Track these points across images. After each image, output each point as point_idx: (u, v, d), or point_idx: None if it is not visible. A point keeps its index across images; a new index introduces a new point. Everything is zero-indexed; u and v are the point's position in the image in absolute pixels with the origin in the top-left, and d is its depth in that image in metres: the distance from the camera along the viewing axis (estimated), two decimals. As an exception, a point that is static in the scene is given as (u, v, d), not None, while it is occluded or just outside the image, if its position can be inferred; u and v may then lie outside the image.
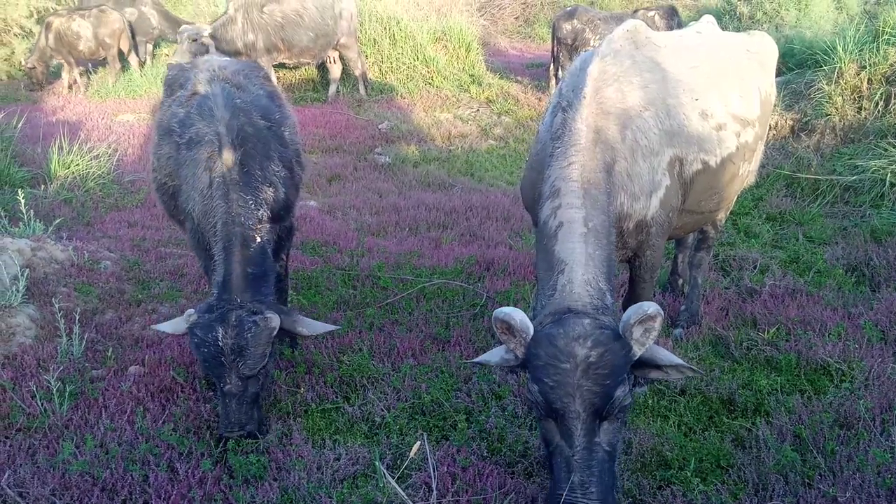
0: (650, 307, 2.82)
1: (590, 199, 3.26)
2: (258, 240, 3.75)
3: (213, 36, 10.66)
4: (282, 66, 12.09)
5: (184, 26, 11.40)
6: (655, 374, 2.99)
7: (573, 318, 2.87)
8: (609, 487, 2.79)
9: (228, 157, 3.81)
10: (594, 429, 2.78)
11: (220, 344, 3.40)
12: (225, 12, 11.10)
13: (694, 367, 3.02)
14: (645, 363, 2.92)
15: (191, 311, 3.57)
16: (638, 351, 2.86)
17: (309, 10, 11.23)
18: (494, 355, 3.08)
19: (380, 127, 10.61)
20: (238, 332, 3.41)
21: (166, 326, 3.67)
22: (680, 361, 2.95)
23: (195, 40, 10.52)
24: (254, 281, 3.64)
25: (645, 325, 2.83)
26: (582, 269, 3.06)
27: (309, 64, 12.08)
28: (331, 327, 3.83)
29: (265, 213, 3.87)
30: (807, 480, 3.31)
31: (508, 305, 4.91)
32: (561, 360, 2.76)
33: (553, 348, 2.78)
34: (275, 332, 3.50)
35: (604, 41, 3.84)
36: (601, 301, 3.01)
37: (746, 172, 4.51)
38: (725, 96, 4.14)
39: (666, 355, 2.97)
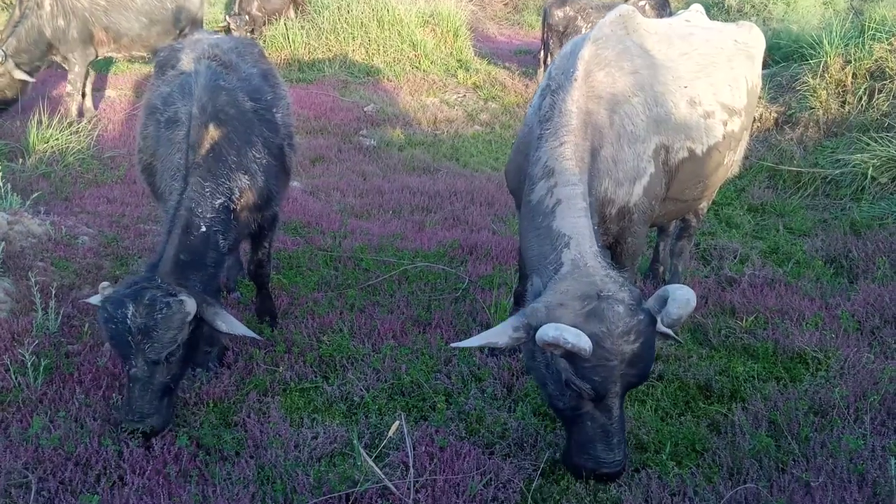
0: (693, 298, 2.90)
1: (585, 177, 3.28)
2: (203, 228, 3.56)
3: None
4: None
5: None
6: None
7: (607, 307, 2.85)
8: None
9: (195, 139, 3.67)
10: (624, 398, 3.02)
11: (129, 322, 3.18)
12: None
13: (678, 338, 3.18)
14: None
15: (105, 283, 3.39)
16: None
17: None
18: (502, 336, 3.04)
19: (365, 109, 10.52)
20: (149, 311, 3.20)
21: (94, 299, 3.47)
22: (667, 330, 3.04)
23: None
24: (184, 267, 3.45)
25: (684, 312, 2.88)
26: (589, 242, 3.08)
27: (144, 57, 9.89)
28: (253, 335, 3.57)
29: (227, 203, 3.71)
30: (781, 465, 3.35)
31: (491, 290, 4.98)
32: (610, 360, 2.81)
33: (602, 350, 2.80)
34: (189, 318, 3.28)
35: (596, 26, 3.81)
36: (614, 270, 3.06)
37: (731, 162, 4.52)
38: (714, 85, 4.14)
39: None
